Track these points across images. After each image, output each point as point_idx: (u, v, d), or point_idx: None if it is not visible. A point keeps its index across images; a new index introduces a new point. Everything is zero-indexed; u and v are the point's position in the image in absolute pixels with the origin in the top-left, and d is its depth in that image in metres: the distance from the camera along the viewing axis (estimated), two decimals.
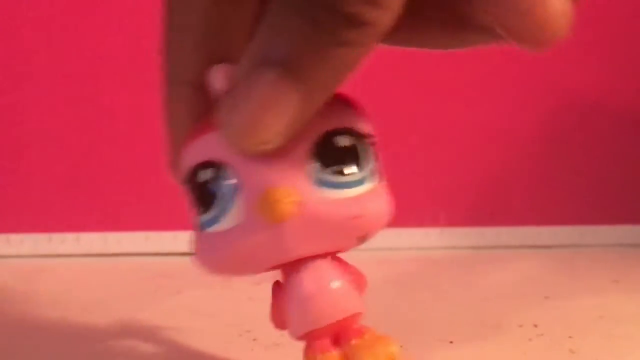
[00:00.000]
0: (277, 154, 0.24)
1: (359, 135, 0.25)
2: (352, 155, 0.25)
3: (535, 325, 0.35)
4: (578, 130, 0.53)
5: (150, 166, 0.51)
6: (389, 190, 0.26)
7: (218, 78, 0.24)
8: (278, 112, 0.23)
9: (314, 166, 0.25)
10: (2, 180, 0.51)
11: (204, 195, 0.25)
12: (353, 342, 0.26)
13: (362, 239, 0.26)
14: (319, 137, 0.25)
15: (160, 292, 0.41)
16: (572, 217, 0.53)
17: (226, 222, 0.25)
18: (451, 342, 0.33)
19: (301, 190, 0.24)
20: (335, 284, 0.26)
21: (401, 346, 0.32)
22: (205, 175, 0.25)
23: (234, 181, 0.25)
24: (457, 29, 0.25)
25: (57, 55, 0.50)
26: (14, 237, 0.51)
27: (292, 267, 0.26)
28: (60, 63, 0.50)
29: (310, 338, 0.26)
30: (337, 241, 0.26)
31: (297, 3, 0.22)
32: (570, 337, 0.33)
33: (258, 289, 0.42)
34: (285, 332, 0.30)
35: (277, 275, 0.27)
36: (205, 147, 0.25)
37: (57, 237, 0.51)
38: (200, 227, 0.26)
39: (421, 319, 0.37)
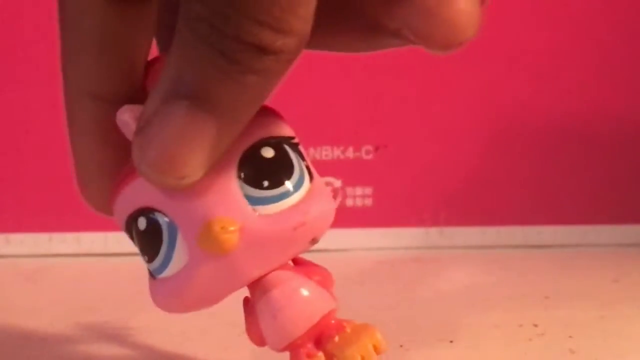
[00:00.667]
0: (205, 183, 0.23)
1: (280, 141, 0.25)
2: (279, 164, 0.25)
3: (535, 325, 0.35)
4: (578, 129, 0.53)
5: None
6: (322, 185, 0.26)
7: (126, 118, 0.24)
8: (193, 146, 0.22)
9: (244, 186, 0.24)
10: (1, 179, 0.51)
11: (146, 244, 0.25)
12: (336, 338, 0.26)
13: (313, 241, 0.25)
14: (241, 155, 0.24)
15: None
16: (572, 217, 0.53)
17: (174, 266, 0.24)
18: (451, 341, 0.33)
19: (238, 214, 0.24)
20: (301, 290, 0.25)
21: (401, 346, 0.32)
22: (142, 224, 0.25)
23: (169, 224, 0.24)
24: (368, 33, 0.24)
25: (56, 50, 0.50)
26: (14, 237, 0.51)
27: (254, 284, 0.25)
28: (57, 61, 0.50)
29: (292, 347, 0.26)
30: (288, 252, 0.25)
31: (203, 33, 0.21)
32: (570, 336, 0.33)
33: None
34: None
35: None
36: (133, 195, 0.24)
37: (57, 236, 0.51)
38: (151, 275, 0.25)
39: (421, 319, 0.37)
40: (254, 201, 0.24)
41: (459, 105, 0.52)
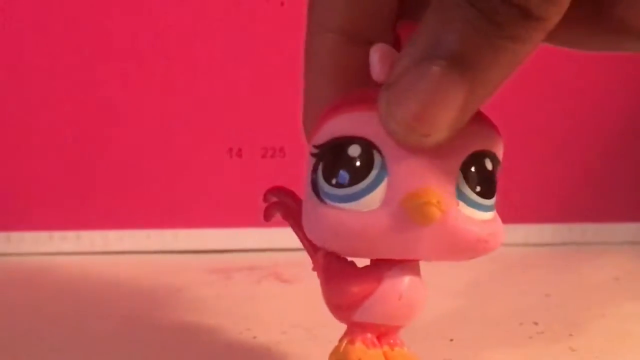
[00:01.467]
0: (432, 156, 0.24)
1: (496, 159, 0.26)
2: (491, 180, 0.25)
3: (536, 323, 0.35)
4: (581, 127, 0.53)
5: (152, 164, 0.51)
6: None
7: (377, 60, 0.24)
8: (445, 106, 0.22)
9: (461, 179, 0.25)
10: (2, 178, 0.51)
11: (352, 169, 0.24)
12: (396, 349, 0.27)
13: (474, 257, 0.26)
14: (470, 154, 0.25)
15: (161, 290, 0.41)
16: (573, 215, 0.53)
17: (364, 203, 0.24)
18: (451, 340, 0.33)
19: (448, 199, 0.24)
20: (423, 286, 0.27)
21: None
22: (354, 151, 0.24)
23: (382, 166, 0.24)
24: (612, 33, 0.24)
25: (56, 50, 0.50)
26: (15, 235, 0.51)
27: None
28: (60, 58, 0.50)
29: (368, 328, 0.26)
30: (455, 257, 0.26)
31: None
32: (570, 335, 0.33)
33: (259, 287, 0.42)
34: (287, 330, 0.30)
35: (278, 271, 0.27)
36: (361, 122, 0.24)
37: (57, 235, 0.51)
38: (332, 199, 0.25)
39: (421, 317, 0.36)
40: (461, 196, 0.25)
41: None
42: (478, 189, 0.25)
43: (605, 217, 0.53)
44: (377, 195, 0.24)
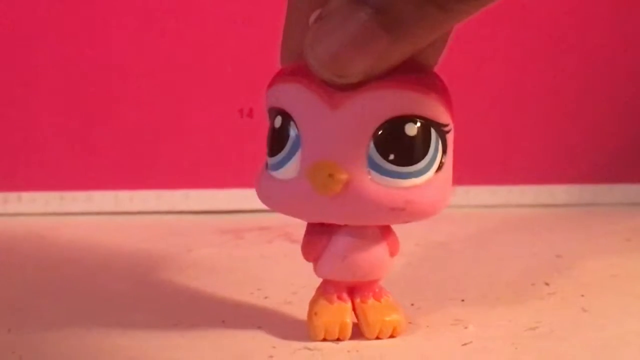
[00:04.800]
0: (343, 126, 0.25)
1: (431, 125, 0.25)
2: (414, 145, 0.25)
3: (547, 284, 0.35)
4: (591, 88, 0.53)
5: (162, 124, 0.51)
6: (445, 179, 0.26)
7: (313, 22, 0.25)
8: (364, 50, 0.23)
9: (372, 148, 0.25)
10: (13, 139, 0.51)
11: (274, 139, 0.26)
12: (370, 301, 0.28)
13: (405, 222, 0.26)
14: (387, 120, 0.25)
15: (172, 251, 0.41)
16: (585, 176, 0.53)
17: (284, 172, 0.26)
18: (463, 300, 0.33)
19: (353, 170, 0.25)
20: (373, 251, 0.27)
21: (412, 304, 0.32)
22: (277, 122, 0.26)
23: (295, 139, 0.25)
24: None
25: (67, 11, 0.50)
26: (26, 196, 0.51)
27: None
28: (70, 19, 0.50)
29: (332, 284, 0.28)
30: (377, 222, 0.27)
31: None
32: (582, 295, 0.33)
33: (269, 247, 0.42)
34: (298, 290, 0.30)
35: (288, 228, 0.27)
36: (286, 94, 0.26)
37: (68, 195, 0.51)
38: (265, 166, 0.27)
39: (433, 278, 0.37)
40: (373, 165, 0.25)
41: (476, 65, 0.51)
42: (391, 157, 0.25)
43: (616, 178, 0.53)
44: (293, 165, 0.26)
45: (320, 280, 0.29)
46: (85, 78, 0.50)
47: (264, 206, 0.27)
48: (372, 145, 0.25)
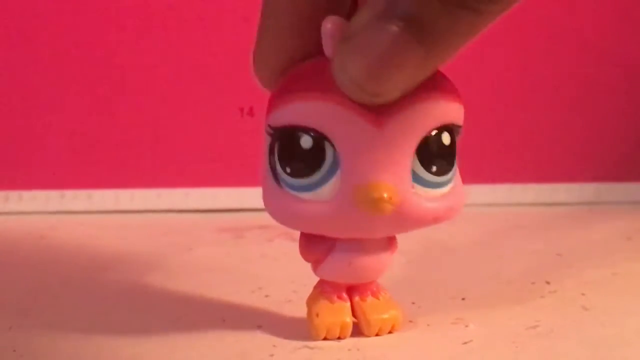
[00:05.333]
0: (386, 146, 0.24)
1: (453, 129, 0.26)
2: (449, 153, 0.26)
3: (548, 282, 0.35)
4: (593, 86, 0.53)
5: (162, 123, 0.51)
6: (460, 181, 0.27)
7: (329, 28, 0.24)
8: (398, 65, 0.22)
9: (416, 162, 0.25)
10: (14, 137, 0.51)
11: (303, 161, 0.25)
12: (369, 299, 0.28)
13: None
14: (427, 133, 0.25)
15: (172, 249, 0.41)
16: (586, 174, 0.53)
17: (318, 194, 0.25)
18: (463, 298, 0.33)
19: (401, 186, 0.25)
20: (381, 253, 0.27)
21: (413, 303, 0.32)
22: (306, 142, 0.25)
23: (334, 159, 0.24)
24: None
25: (67, 9, 0.50)
26: (26, 194, 0.51)
27: None
28: (72, 19, 0.50)
29: (332, 284, 0.28)
30: (412, 230, 0.26)
31: None
32: (583, 294, 0.33)
33: (270, 245, 0.42)
34: (298, 289, 0.30)
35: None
36: (319, 114, 0.24)
37: (69, 193, 0.51)
38: (288, 186, 0.25)
39: (434, 276, 0.37)
40: (416, 179, 0.25)
41: (477, 63, 0.51)
42: (434, 169, 0.25)
43: (617, 176, 0.53)
44: (330, 187, 0.25)
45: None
46: (85, 77, 0.50)
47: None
48: (416, 160, 0.25)
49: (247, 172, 0.50)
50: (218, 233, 0.45)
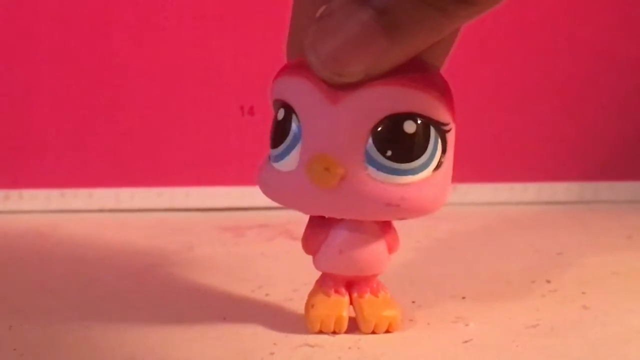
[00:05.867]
0: (343, 121, 0.25)
1: (430, 123, 0.25)
2: (412, 143, 0.25)
3: (548, 281, 0.35)
4: (592, 85, 0.53)
5: (163, 122, 0.51)
6: (443, 178, 0.26)
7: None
8: (364, 50, 0.24)
9: (370, 144, 0.25)
10: (15, 136, 0.51)
11: (277, 131, 0.26)
12: (367, 296, 0.28)
13: (401, 219, 0.27)
14: (386, 117, 0.25)
15: (173, 248, 0.41)
16: (586, 173, 0.53)
17: (285, 164, 0.26)
18: (463, 297, 0.33)
19: (350, 164, 0.25)
20: (372, 247, 0.28)
21: (413, 302, 0.32)
22: (280, 114, 0.26)
23: (296, 132, 0.26)
24: None
25: (69, 8, 0.50)
26: (27, 193, 0.51)
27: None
28: (72, 15, 0.50)
29: (330, 277, 0.28)
30: (372, 217, 0.27)
31: None
32: (583, 293, 0.33)
33: (270, 244, 0.42)
34: (299, 288, 0.30)
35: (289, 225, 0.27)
36: (290, 88, 0.26)
37: (70, 192, 0.51)
38: (270, 157, 0.27)
39: (434, 275, 0.37)
40: (370, 161, 0.25)
41: (476, 62, 0.51)
42: (389, 153, 0.25)
43: (617, 175, 0.53)
44: (293, 157, 0.26)
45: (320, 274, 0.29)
46: (86, 75, 0.50)
47: (265, 203, 0.27)
48: (370, 141, 0.25)
49: (248, 171, 0.50)
50: (219, 232, 0.45)
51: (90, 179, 0.51)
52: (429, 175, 0.26)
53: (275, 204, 0.27)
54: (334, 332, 0.28)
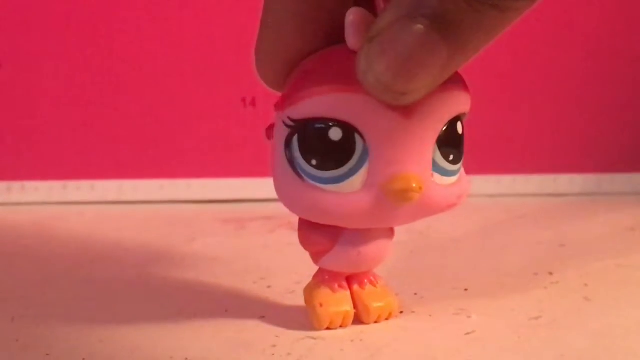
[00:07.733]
0: (411, 135, 0.24)
1: (462, 118, 0.26)
2: (461, 143, 0.26)
3: (551, 273, 0.35)
4: (595, 77, 0.52)
5: (165, 114, 0.51)
6: (462, 168, 0.27)
7: (351, 24, 0.24)
8: (425, 64, 0.22)
9: (437, 152, 0.25)
10: (17, 128, 0.51)
11: (336, 153, 0.25)
12: (367, 287, 0.29)
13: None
14: (446, 123, 0.25)
15: (174, 240, 0.41)
16: (589, 165, 0.53)
17: (345, 186, 0.25)
18: (466, 289, 0.33)
19: (424, 177, 0.25)
20: (386, 241, 0.28)
21: (415, 294, 0.32)
22: (335, 134, 0.24)
23: (364, 151, 0.25)
24: None
25: (72, 3, 0.50)
26: (29, 185, 0.51)
27: None
28: (74, 6, 0.50)
29: (333, 272, 0.28)
30: (425, 217, 0.27)
31: None
32: (585, 284, 0.33)
33: (272, 236, 0.42)
34: (301, 280, 0.30)
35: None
36: (348, 106, 0.24)
37: (72, 184, 0.51)
38: (312, 179, 0.25)
39: (436, 267, 0.37)
40: (436, 168, 0.25)
41: (480, 55, 0.51)
42: (451, 157, 0.26)
43: (620, 167, 0.53)
44: (358, 179, 0.25)
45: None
46: (88, 67, 0.50)
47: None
48: (436, 149, 0.25)
49: (250, 163, 0.50)
50: (220, 224, 0.45)
51: (92, 171, 0.51)
52: (462, 170, 0.27)
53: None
54: (340, 327, 0.28)
